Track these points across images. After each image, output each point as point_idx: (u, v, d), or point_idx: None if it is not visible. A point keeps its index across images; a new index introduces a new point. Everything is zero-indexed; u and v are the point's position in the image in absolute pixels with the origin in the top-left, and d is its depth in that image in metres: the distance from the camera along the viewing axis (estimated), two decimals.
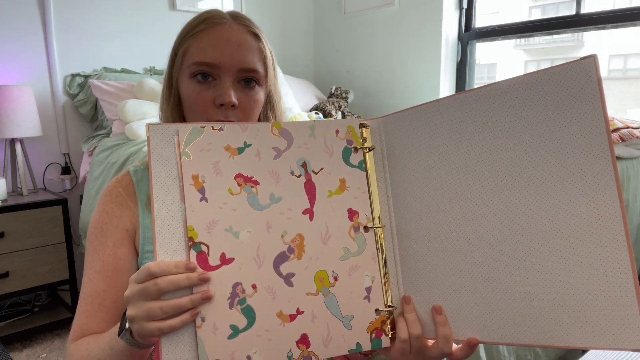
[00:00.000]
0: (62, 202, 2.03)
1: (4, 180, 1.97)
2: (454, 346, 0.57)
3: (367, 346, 0.58)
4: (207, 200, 0.55)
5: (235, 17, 0.73)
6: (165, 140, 0.56)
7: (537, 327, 0.50)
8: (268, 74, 0.74)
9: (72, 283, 2.09)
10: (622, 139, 1.75)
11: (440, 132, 0.57)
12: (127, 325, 0.54)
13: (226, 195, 0.55)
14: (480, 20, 2.58)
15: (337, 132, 0.61)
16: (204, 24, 0.70)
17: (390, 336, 0.59)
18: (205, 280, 0.52)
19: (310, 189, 0.59)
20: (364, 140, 0.62)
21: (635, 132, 1.79)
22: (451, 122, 0.56)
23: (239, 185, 0.56)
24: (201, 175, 0.55)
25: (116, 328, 0.58)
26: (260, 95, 0.73)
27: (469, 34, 2.56)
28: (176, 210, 0.54)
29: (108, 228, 0.71)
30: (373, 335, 0.58)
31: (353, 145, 0.62)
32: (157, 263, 0.51)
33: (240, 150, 0.57)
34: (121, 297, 0.67)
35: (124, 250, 0.70)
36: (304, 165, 0.59)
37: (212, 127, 0.57)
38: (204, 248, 0.54)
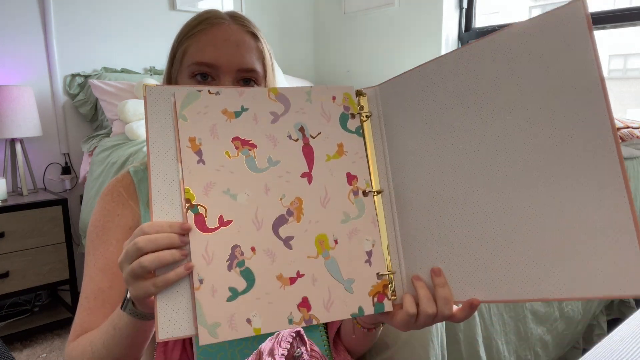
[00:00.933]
0: (62, 202, 2.03)
1: (4, 180, 1.97)
2: (455, 307, 0.56)
3: (369, 310, 0.57)
4: (204, 163, 0.54)
5: (233, 17, 0.73)
6: (162, 102, 0.55)
7: (538, 282, 0.49)
8: (267, 74, 0.74)
9: (72, 283, 2.09)
10: (622, 139, 1.75)
11: (435, 94, 0.57)
12: (128, 295, 0.54)
13: (223, 158, 0.55)
14: (480, 20, 2.58)
15: (333, 98, 0.61)
16: (203, 24, 0.71)
17: (392, 300, 0.58)
18: (184, 242, 0.51)
19: (308, 153, 0.59)
20: (361, 107, 0.62)
21: (635, 132, 1.79)
22: (444, 83, 0.56)
23: (237, 148, 0.56)
24: (198, 137, 0.55)
25: (119, 307, 0.58)
26: None
27: (469, 34, 2.56)
28: (173, 173, 0.54)
29: (110, 226, 0.71)
30: (375, 300, 0.58)
31: (350, 112, 0.61)
32: (151, 223, 0.51)
33: (237, 114, 0.57)
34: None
35: None
36: (302, 129, 0.59)
37: (209, 91, 0.57)
38: (201, 210, 0.53)
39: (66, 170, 2.31)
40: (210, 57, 0.68)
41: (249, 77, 0.71)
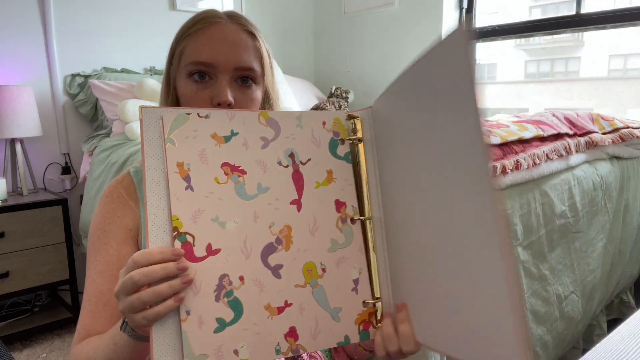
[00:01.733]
0: (62, 202, 2.03)
1: (4, 180, 1.97)
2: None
3: (355, 339, 0.57)
4: (192, 189, 0.53)
5: (231, 16, 0.73)
6: (154, 124, 0.54)
7: (445, 336, 0.47)
8: (265, 73, 0.74)
9: (72, 283, 2.09)
10: (622, 139, 1.74)
11: (404, 115, 0.52)
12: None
13: (213, 184, 0.54)
14: (480, 20, 2.58)
15: (324, 123, 0.61)
16: (200, 24, 0.71)
17: (377, 328, 0.58)
18: (183, 270, 0.50)
19: (297, 180, 0.58)
20: (355, 131, 0.61)
21: (635, 132, 1.79)
22: (404, 105, 0.52)
23: (226, 174, 0.55)
24: (186, 163, 0.54)
25: (119, 323, 0.58)
26: (257, 93, 0.73)
27: None
28: (164, 199, 0.53)
29: (111, 228, 0.71)
30: (361, 328, 0.57)
31: (339, 137, 0.61)
32: (141, 252, 0.50)
33: (227, 139, 0.56)
34: None
35: (127, 249, 0.70)
36: (292, 155, 0.58)
37: (198, 114, 0.55)
38: (189, 238, 0.52)
39: (66, 170, 2.31)
40: (207, 56, 0.68)
41: (246, 76, 0.71)
